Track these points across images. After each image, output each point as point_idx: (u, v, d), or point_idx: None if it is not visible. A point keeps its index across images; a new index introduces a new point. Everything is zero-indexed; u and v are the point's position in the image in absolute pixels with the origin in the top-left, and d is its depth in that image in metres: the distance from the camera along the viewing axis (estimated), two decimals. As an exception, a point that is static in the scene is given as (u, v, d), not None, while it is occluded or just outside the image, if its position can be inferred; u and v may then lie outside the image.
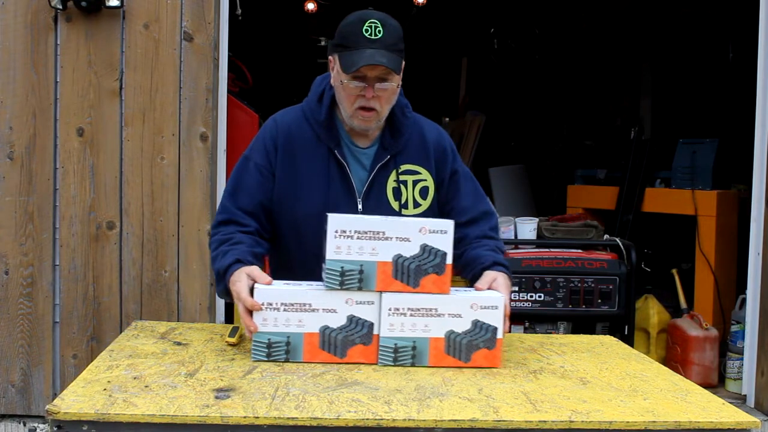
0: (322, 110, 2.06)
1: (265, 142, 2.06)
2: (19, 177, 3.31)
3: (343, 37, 1.94)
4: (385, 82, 1.93)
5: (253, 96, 4.61)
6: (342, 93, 1.98)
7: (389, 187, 2.06)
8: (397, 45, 1.93)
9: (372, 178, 2.05)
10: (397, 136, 2.07)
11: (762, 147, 3.66)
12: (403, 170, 2.07)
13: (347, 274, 1.72)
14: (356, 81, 1.93)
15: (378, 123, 2.02)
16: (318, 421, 1.40)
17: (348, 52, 1.91)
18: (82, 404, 1.41)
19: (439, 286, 1.76)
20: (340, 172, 2.04)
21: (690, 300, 4.61)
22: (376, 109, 1.96)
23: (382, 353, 1.75)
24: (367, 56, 1.89)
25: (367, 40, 1.89)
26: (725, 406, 1.58)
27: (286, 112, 2.12)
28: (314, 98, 2.09)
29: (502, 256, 2.07)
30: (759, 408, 3.72)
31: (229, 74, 3.66)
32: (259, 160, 2.05)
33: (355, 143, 2.07)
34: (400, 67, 1.94)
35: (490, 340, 1.78)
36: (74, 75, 3.30)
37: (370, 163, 2.06)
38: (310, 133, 2.05)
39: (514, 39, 7.89)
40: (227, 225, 2.01)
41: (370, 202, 2.04)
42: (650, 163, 5.50)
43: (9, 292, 3.34)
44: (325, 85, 2.08)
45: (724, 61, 5.92)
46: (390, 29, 1.92)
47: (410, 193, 2.07)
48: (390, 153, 2.06)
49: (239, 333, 1.91)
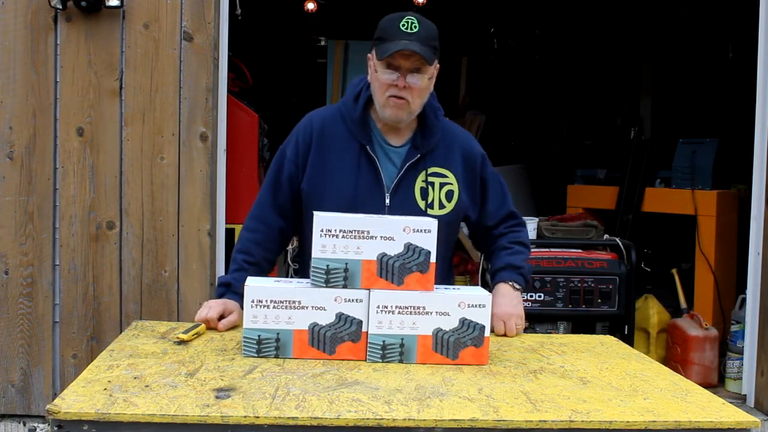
0: (357, 108, 2.14)
1: (298, 136, 2.17)
2: (19, 177, 3.31)
3: (381, 31, 2.04)
4: (417, 73, 2.01)
5: (253, 96, 4.61)
6: (376, 84, 2.07)
7: (417, 187, 2.13)
8: (432, 42, 2.02)
9: (401, 176, 2.12)
10: (428, 136, 2.15)
11: (762, 147, 3.66)
12: (431, 172, 2.14)
13: (332, 272, 1.76)
14: (390, 71, 2.01)
15: (409, 116, 2.09)
16: (318, 421, 1.40)
17: (384, 43, 2.00)
18: (83, 404, 1.41)
19: (423, 284, 1.78)
20: (370, 167, 2.11)
21: (690, 300, 4.61)
22: (407, 99, 2.03)
23: (370, 350, 1.78)
24: (401, 45, 1.97)
25: (403, 33, 1.99)
26: (725, 406, 1.58)
27: (322, 109, 2.24)
28: (350, 97, 2.18)
29: (517, 257, 2.22)
30: (759, 408, 3.72)
31: (229, 74, 3.66)
32: (291, 155, 2.16)
33: (387, 141, 2.15)
34: (432, 58, 2.02)
35: (478, 337, 1.80)
36: (74, 75, 3.30)
37: (401, 161, 2.13)
38: (344, 130, 2.14)
39: (514, 39, 7.89)
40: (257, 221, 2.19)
41: (397, 198, 2.11)
42: (650, 163, 5.50)
43: (9, 292, 3.34)
44: (362, 86, 2.17)
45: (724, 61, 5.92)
46: (426, 26, 2.02)
47: (437, 195, 2.15)
48: (420, 152, 2.13)
49: (195, 331, 1.93)
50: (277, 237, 2.19)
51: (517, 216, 2.31)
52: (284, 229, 2.19)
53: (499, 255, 2.24)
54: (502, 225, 2.27)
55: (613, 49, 6.89)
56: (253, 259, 2.14)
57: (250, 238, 2.17)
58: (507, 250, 2.24)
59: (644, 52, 6.63)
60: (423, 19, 2.02)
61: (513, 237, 2.26)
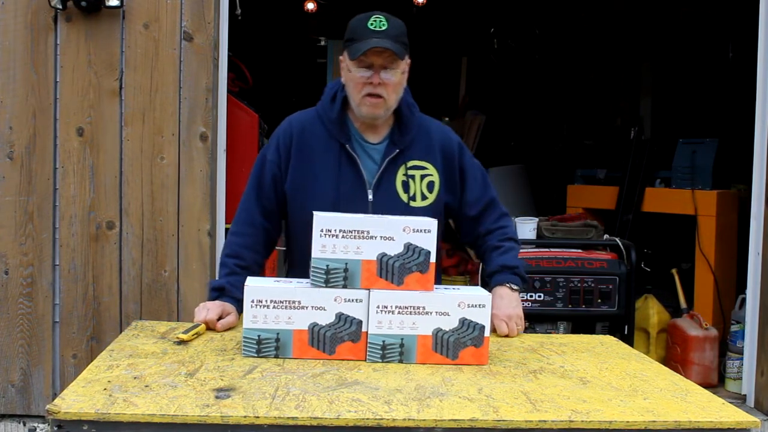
0: (334, 109, 2.18)
1: (279, 140, 2.22)
2: (19, 177, 3.31)
3: (351, 32, 2.08)
4: (390, 69, 2.06)
5: (253, 96, 4.61)
6: (350, 84, 2.11)
7: (398, 181, 2.17)
8: (401, 38, 2.07)
9: (382, 171, 2.16)
10: (405, 132, 2.19)
11: (762, 147, 3.66)
12: (411, 165, 2.19)
13: (332, 272, 1.77)
14: (363, 69, 2.06)
15: (386, 111, 2.14)
16: (318, 421, 1.40)
17: (355, 43, 2.05)
18: (83, 404, 1.41)
19: (422, 284, 1.79)
20: (351, 165, 2.16)
21: (690, 300, 4.61)
22: (383, 96, 2.08)
23: (370, 350, 1.78)
24: (372, 43, 2.02)
25: (373, 31, 2.03)
26: (725, 406, 1.58)
27: (301, 113, 2.28)
28: (327, 99, 2.22)
29: (509, 256, 2.23)
30: (759, 408, 3.72)
31: (229, 74, 3.66)
32: (272, 158, 2.20)
33: (365, 139, 2.19)
34: (403, 53, 2.07)
35: (478, 337, 1.80)
36: (74, 75, 3.30)
37: (380, 157, 2.17)
38: (323, 131, 2.18)
39: (514, 39, 7.89)
40: (244, 225, 2.21)
41: (380, 193, 2.15)
42: (650, 163, 5.50)
43: (9, 292, 3.34)
44: (338, 88, 2.21)
45: (724, 61, 5.92)
46: (394, 23, 2.07)
47: (418, 187, 2.19)
48: (399, 148, 2.18)
49: (195, 331, 1.93)
50: (264, 240, 2.22)
51: (499, 204, 2.32)
52: (270, 232, 2.23)
53: (492, 257, 2.25)
54: (487, 218, 2.27)
55: (613, 49, 6.89)
56: (244, 262, 2.16)
57: (239, 242, 2.19)
58: (498, 250, 2.24)
59: (644, 52, 6.63)
60: (390, 16, 2.07)
61: (501, 234, 2.27)
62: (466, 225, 2.30)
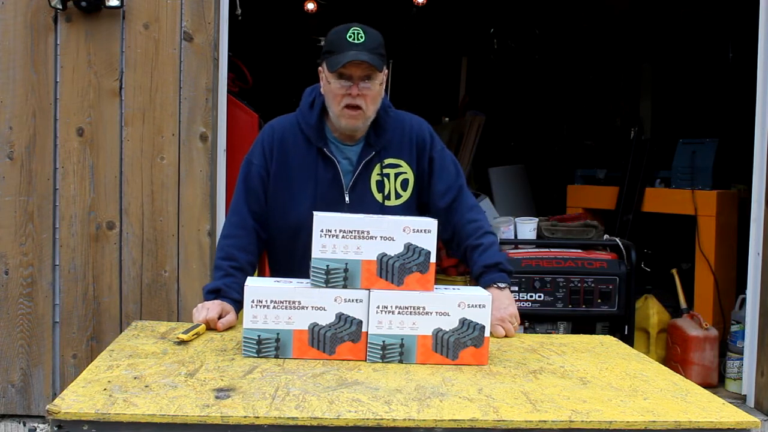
0: (313, 114, 2.23)
1: (263, 145, 2.27)
2: (19, 177, 3.31)
3: (329, 44, 2.12)
4: (368, 80, 2.09)
5: (253, 96, 4.61)
6: (329, 95, 2.15)
7: (373, 180, 2.22)
8: (379, 49, 2.11)
9: (358, 173, 2.20)
10: (381, 133, 2.23)
11: (762, 147, 3.66)
12: (386, 164, 2.23)
13: (332, 272, 1.77)
14: (342, 81, 2.10)
15: (365, 123, 2.18)
16: (318, 421, 1.40)
17: (334, 55, 2.08)
18: (83, 404, 1.41)
19: (423, 284, 1.79)
20: (329, 167, 2.20)
21: (690, 300, 4.61)
22: (362, 108, 2.12)
23: (370, 350, 1.78)
24: (350, 55, 2.05)
25: (351, 44, 2.07)
26: (725, 406, 1.58)
27: (281, 119, 2.33)
28: (306, 106, 2.27)
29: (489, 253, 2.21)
30: (759, 408, 3.72)
31: (229, 74, 3.66)
32: (258, 162, 2.26)
33: (342, 141, 2.23)
34: (381, 65, 2.10)
35: (478, 338, 1.80)
36: (74, 75, 3.30)
37: (356, 159, 2.21)
38: (302, 137, 2.24)
39: (514, 39, 7.89)
40: (236, 228, 2.23)
41: (355, 194, 2.20)
42: (650, 163, 5.50)
43: (9, 292, 3.34)
44: (315, 94, 2.25)
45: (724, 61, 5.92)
46: (371, 35, 2.11)
47: (392, 186, 2.23)
48: (375, 149, 2.22)
49: (195, 331, 1.94)
50: (256, 241, 2.25)
51: (468, 193, 2.31)
52: (261, 234, 2.26)
53: (473, 258, 2.23)
54: (457, 210, 2.26)
55: (613, 49, 6.88)
56: (239, 264, 2.18)
57: (233, 245, 2.22)
58: (477, 250, 2.23)
59: (644, 52, 6.62)
60: (368, 28, 2.11)
61: (475, 229, 2.25)
62: (441, 218, 2.23)
